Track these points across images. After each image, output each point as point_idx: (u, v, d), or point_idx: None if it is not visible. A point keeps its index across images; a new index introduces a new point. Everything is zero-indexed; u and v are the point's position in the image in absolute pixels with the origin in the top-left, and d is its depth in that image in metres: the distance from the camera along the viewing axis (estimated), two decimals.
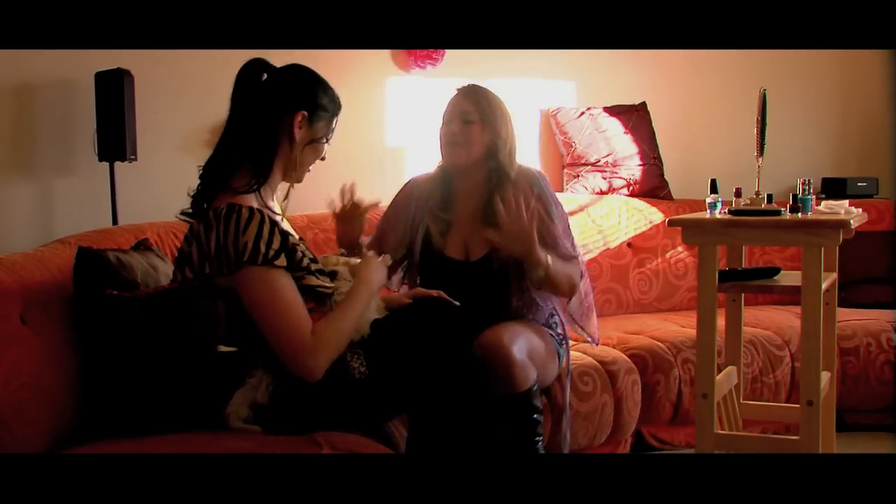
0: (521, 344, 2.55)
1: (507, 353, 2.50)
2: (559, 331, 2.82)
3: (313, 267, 2.29)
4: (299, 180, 2.39)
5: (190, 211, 2.27)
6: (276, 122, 2.29)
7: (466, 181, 2.78)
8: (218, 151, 2.29)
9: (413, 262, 2.83)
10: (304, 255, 2.26)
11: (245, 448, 2.07)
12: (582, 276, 2.77)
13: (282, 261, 2.18)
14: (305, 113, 2.30)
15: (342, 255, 2.50)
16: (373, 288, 2.33)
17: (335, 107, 2.38)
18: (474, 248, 2.75)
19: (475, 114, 2.70)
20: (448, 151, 2.74)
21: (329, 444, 2.11)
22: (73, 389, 2.26)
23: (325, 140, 2.37)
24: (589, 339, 2.90)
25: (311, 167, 2.39)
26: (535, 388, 2.57)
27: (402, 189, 2.91)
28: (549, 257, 2.58)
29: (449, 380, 2.32)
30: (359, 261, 2.42)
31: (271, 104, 2.29)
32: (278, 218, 2.30)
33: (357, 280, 2.32)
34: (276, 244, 2.17)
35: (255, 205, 2.22)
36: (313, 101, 2.33)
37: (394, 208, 2.88)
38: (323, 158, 2.40)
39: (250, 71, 2.33)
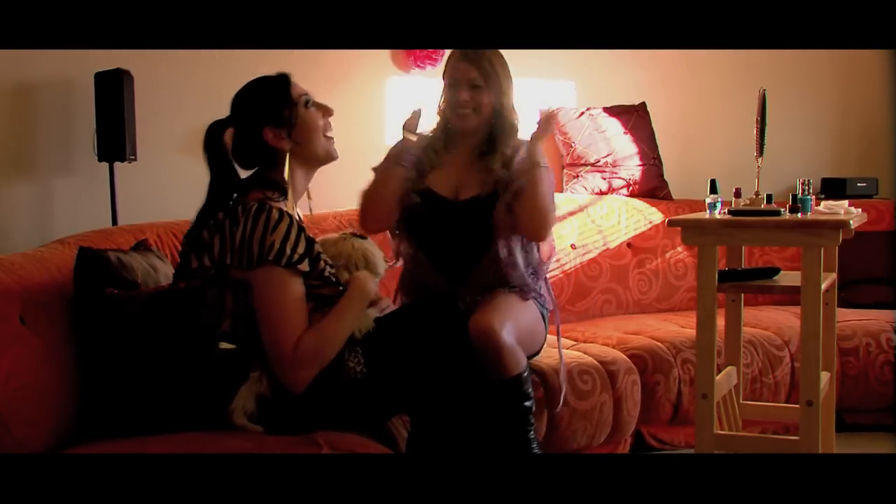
0: (510, 327, 2.56)
1: (496, 337, 2.51)
2: (542, 293, 2.85)
3: (333, 278, 2.31)
4: (330, 154, 2.40)
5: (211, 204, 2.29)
6: (260, 150, 2.31)
7: (470, 136, 2.86)
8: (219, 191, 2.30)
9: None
10: (326, 265, 2.28)
11: (245, 448, 2.07)
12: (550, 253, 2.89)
13: (304, 266, 2.20)
14: (268, 126, 2.30)
15: (355, 235, 2.48)
16: (362, 303, 2.32)
17: (281, 84, 2.34)
18: (465, 188, 2.81)
19: (481, 79, 2.78)
20: (458, 117, 2.81)
21: (329, 444, 2.11)
22: (72, 390, 2.26)
23: (298, 115, 2.33)
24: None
25: (329, 130, 2.40)
26: (525, 374, 2.58)
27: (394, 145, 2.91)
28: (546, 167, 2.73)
29: (449, 378, 2.32)
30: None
31: (242, 149, 2.32)
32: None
33: (346, 296, 2.30)
34: (301, 249, 2.20)
35: (285, 208, 2.24)
36: (260, 108, 2.31)
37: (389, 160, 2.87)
38: (329, 113, 2.40)
39: (211, 134, 2.32)
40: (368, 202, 2.81)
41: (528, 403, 2.59)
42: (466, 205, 2.79)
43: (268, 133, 2.30)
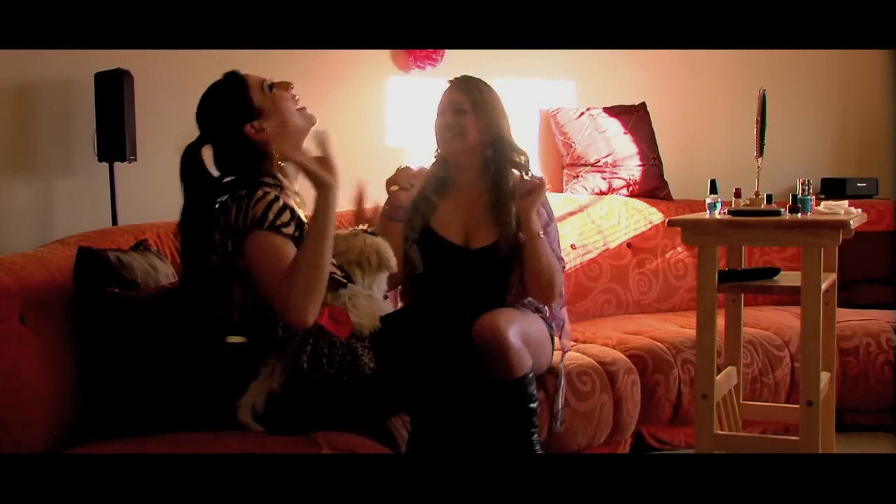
0: (517, 329, 2.57)
1: (503, 337, 2.52)
2: (548, 316, 2.86)
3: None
4: (309, 119, 2.41)
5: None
6: (247, 149, 2.33)
7: (465, 169, 2.84)
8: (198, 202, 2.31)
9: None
10: None
11: (245, 448, 2.07)
12: (562, 294, 2.86)
13: (289, 230, 2.21)
14: (245, 122, 2.32)
15: (366, 231, 2.48)
16: (327, 216, 2.19)
17: (236, 81, 2.36)
18: (477, 236, 2.79)
19: (467, 104, 2.77)
20: (443, 140, 2.81)
21: (329, 444, 2.11)
22: (72, 390, 2.26)
23: (266, 100, 2.35)
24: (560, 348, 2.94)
25: (297, 101, 2.41)
26: (530, 375, 2.58)
27: None
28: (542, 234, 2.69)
29: (450, 379, 2.32)
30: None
31: (226, 150, 2.34)
32: (294, 205, 2.33)
33: (311, 215, 2.23)
34: (285, 217, 2.21)
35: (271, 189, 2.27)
36: (229, 110, 2.34)
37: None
38: (289, 86, 2.40)
39: (193, 153, 2.34)
40: None
41: (532, 405, 2.60)
42: (480, 254, 2.78)
43: (248, 130, 2.32)
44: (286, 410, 2.21)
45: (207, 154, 2.37)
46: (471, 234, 2.81)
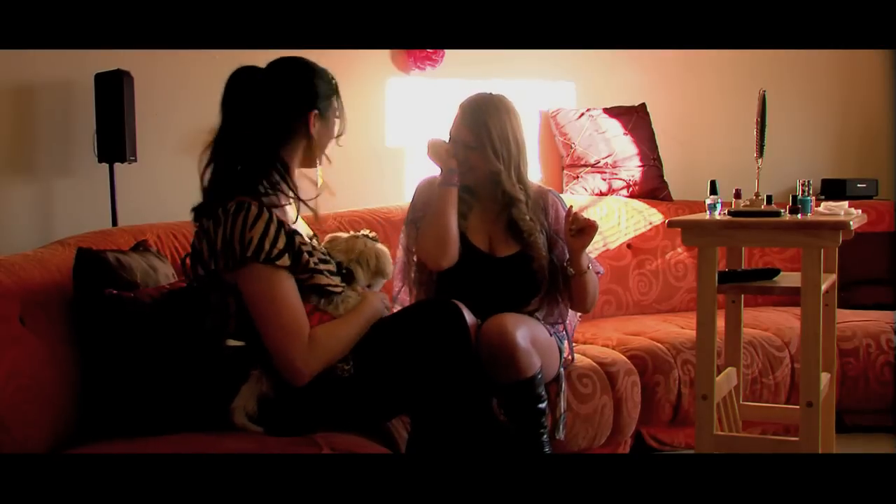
0: (525, 332, 2.59)
1: (511, 339, 2.53)
2: (560, 328, 2.86)
3: (323, 267, 2.30)
4: (321, 163, 2.41)
5: (198, 211, 2.27)
6: (289, 129, 2.31)
7: (482, 188, 2.85)
8: (220, 163, 2.27)
9: None
10: (311, 256, 2.27)
11: (245, 449, 2.07)
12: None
13: (284, 261, 2.19)
14: (317, 111, 2.32)
15: (367, 236, 2.50)
16: (371, 320, 2.34)
17: (333, 86, 2.38)
18: (499, 245, 2.82)
19: (474, 142, 2.76)
20: (459, 171, 2.80)
21: (329, 444, 2.11)
22: (72, 390, 2.26)
23: (337, 119, 2.38)
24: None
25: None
26: (539, 376, 2.59)
27: (419, 186, 2.92)
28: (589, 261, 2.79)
29: (450, 379, 2.32)
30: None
31: (279, 112, 2.29)
32: (291, 217, 2.31)
33: (359, 309, 2.33)
34: (280, 244, 2.18)
35: (265, 203, 2.23)
36: (316, 94, 2.33)
37: (420, 199, 2.88)
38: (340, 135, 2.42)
39: (243, 78, 2.30)
40: (441, 233, 2.74)
41: (541, 406, 2.61)
42: (505, 262, 2.81)
43: (312, 118, 2.31)
44: (280, 412, 2.21)
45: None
46: (493, 243, 2.83)
